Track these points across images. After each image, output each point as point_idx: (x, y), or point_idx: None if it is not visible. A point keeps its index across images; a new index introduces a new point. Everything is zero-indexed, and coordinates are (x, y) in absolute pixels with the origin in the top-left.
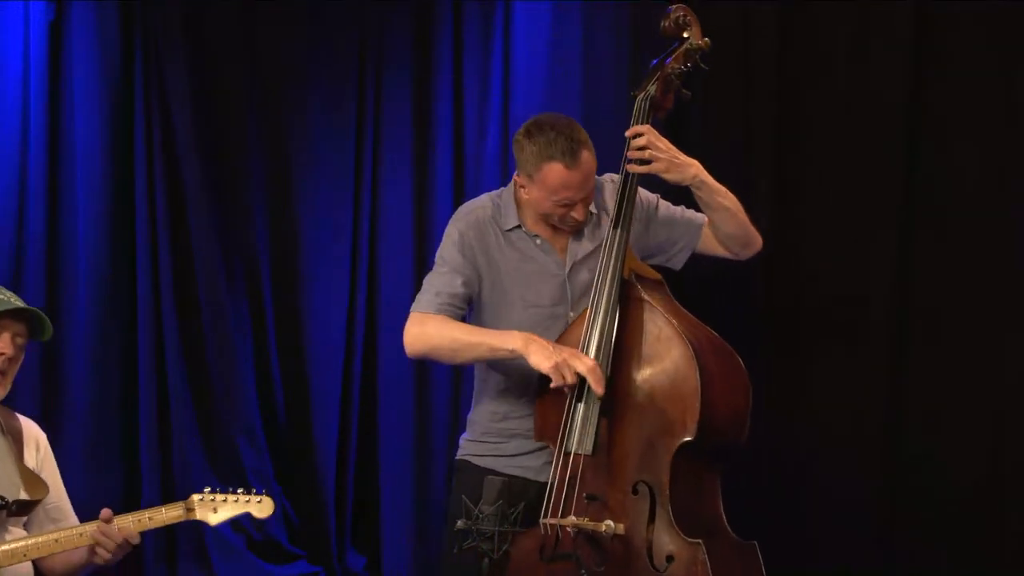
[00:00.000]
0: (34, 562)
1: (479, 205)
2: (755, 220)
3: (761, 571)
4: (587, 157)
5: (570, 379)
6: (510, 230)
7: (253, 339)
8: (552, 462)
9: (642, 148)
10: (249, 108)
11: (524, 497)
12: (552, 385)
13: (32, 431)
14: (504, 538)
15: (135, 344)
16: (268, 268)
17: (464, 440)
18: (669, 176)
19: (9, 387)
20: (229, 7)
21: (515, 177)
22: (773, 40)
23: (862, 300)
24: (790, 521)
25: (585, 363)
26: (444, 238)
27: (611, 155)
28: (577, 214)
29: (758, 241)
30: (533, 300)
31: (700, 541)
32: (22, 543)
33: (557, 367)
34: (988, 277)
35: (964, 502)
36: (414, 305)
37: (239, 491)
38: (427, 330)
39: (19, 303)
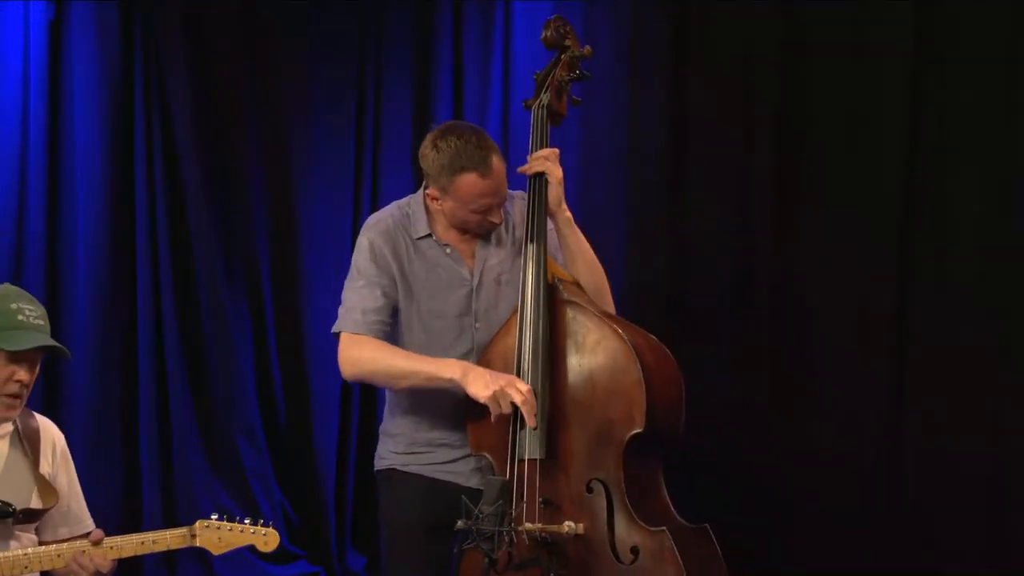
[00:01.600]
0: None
1: (388, 214)
2: (754, 221)
3: (718, 553)
4: (497, 162)
5: (506, 409)
6: (420, 238)
7: (253, 339)
8: (480, 468)
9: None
10: (249, 108)
11: (455, 503)
12: (493, 414)
13: (49, 433)
14: (504, 538)
15: (135, 344)
16: (268, 268)
17: (388, 452)
18: (552, 189)
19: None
20: (229, 7)
21: (427, 190)
22: (774, 41)
23: (862, 299)
24: (789, 520)
25: (519, 393)
26: (355, 249)
27: (609, 155)
28: (494, 217)
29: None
30: (439, 311)
31: (664, 528)
32: (22, 553)
33: (495, 397)
34: (989, 277)
35: (964, 502)
36: (340, 323)
37: (246, 521)
38: (363, 355)
39: (45, 335)
